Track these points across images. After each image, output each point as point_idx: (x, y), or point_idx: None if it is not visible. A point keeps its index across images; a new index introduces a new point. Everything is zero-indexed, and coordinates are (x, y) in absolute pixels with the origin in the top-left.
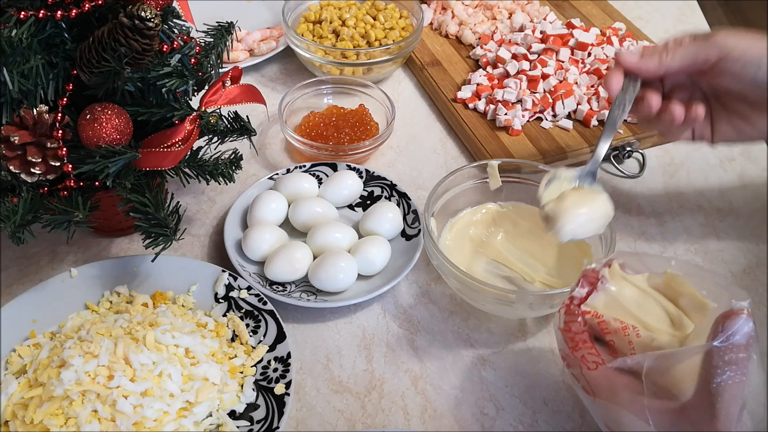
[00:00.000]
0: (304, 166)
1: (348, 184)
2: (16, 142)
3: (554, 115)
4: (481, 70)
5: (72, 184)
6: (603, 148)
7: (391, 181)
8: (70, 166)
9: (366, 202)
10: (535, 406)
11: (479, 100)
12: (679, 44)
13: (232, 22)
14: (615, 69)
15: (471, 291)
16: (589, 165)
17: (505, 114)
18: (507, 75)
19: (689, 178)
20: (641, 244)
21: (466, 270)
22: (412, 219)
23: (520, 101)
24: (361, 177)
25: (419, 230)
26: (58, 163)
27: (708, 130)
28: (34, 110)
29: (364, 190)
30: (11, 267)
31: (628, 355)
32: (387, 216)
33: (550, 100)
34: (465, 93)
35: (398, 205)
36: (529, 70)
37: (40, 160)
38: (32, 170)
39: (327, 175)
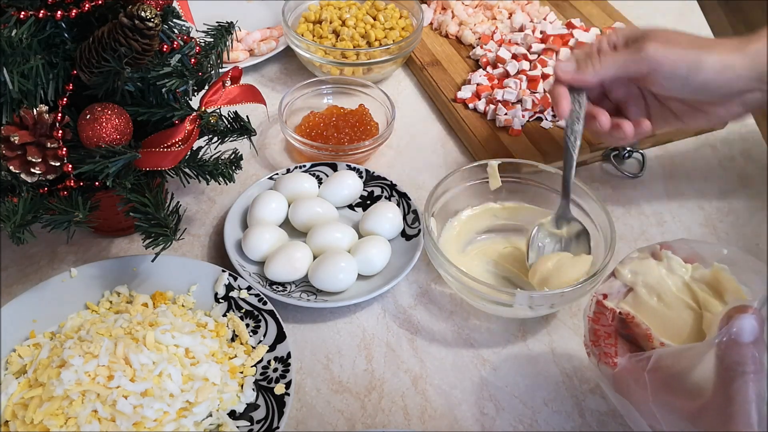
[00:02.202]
0: (304, 166)
1: (348, 184)
2: (16, 142)
3: (554, 115)
4: (481, 70)
5: (72, 184)
6: (570, 179)
7: (391, 181)
8: (70, 166)
9: (366, 202)
10: (535, 406)
11: (479, 100)
12: (612, 48)
13: (232, 22)
14: (558, 87)
15: (471, 291)
16: (560, 209)
17: (505, 114)
18: (507, 75)
19: (689, 178)
20: (641, 244)
21: (466, 270)
22: (412, 219)
23: (520, 101)
24: (361, 177)
25: (419, 230)
26: (58, 163)
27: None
28: (34, 110)
29: (364, 190)
30: (11, 267)
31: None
32: (387, 216)
33: (550, 100)
34: (465, 93)
35: (398, 205)
36: (529, 70)
37: (40, 160)
38: (32, 170)
39: (327, 175)
